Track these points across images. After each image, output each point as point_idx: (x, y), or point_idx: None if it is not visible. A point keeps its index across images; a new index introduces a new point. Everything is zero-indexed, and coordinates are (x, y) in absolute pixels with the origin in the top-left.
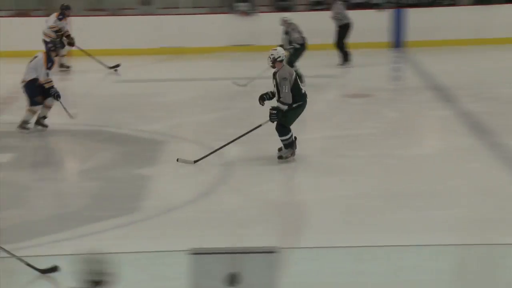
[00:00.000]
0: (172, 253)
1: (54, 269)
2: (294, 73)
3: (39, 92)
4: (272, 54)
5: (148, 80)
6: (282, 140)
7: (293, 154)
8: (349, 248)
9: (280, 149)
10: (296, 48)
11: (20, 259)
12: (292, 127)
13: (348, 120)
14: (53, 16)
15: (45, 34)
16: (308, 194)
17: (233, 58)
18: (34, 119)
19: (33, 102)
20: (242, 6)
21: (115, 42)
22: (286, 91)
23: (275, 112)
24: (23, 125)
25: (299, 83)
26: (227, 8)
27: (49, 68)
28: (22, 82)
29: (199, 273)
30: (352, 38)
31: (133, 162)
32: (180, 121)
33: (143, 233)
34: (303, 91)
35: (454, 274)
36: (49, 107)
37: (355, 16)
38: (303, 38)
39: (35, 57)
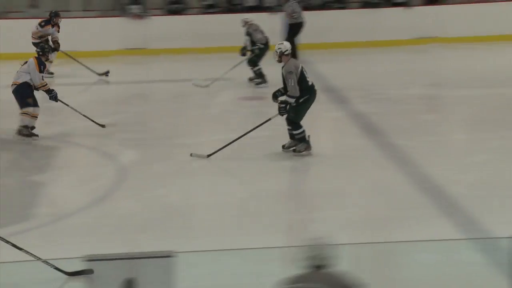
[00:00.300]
0: (66, 260)
1: (84, 271)
2: (300, 66)
3: (30, 95)
4: (279, 48)
5: None
6: (295, 135)
7: (308, 148)
8: (246, 250)
9: (288, 146)
10: (260, 48)
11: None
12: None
13: (244, 122)
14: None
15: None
16: (204, 197)
17: (126, 62)
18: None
19: (25, 104)
20: (135, 9)
21: (2, 46)
22: (293, 84)
23: (284, 105)
24: (24, 131)
25: (306, 76)
26: (119, 11)
27: (41, 71)
28: (13, 84)
29: (95, 279)
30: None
31: (25, 169)
32: (74, 126)
33: (35, 241)
34: (310, 84)
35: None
36: (35, 117)
37: None
38: (265, 38)
39: (25, 62)
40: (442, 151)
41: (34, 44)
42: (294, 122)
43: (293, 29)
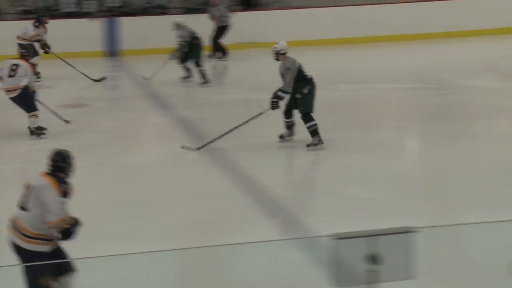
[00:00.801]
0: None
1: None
2: (298, 63)
3: (34, 97)
4: (275, 48)
5: None
6: (308, 127)
7: (321, 141)
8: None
9: (281, 136)
10: (194, 44)
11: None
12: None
13: (66, 130)
14: (30, 25)
15: (19, 38)
16: None
17: None
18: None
19: (34, 107)
20: None
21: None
22: (288, 80)
23: (276, 100)
24: (36, 131)
25: (303, 70)
26: None
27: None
28: (11, 90)
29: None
30: (65, 48)
31: None
32: None
33: None
34: (308, 76)
35: (177, 279)
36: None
37: (67, 26)
38: (193, 36)
39: (15, 65)
40: (266, 154)
41: (21, 45)
42: (307, 115)
43: (220, 32)
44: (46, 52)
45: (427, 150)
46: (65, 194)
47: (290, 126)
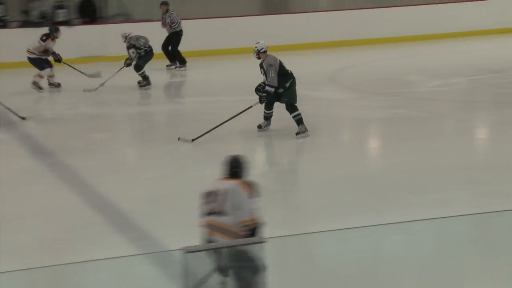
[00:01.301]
0: None
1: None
2: (278, 60)
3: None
4: (256, 47)
5: None
6: (293, 117)
7: (306, 129)
8: None
9: (259, 126)
10: (147, 51)
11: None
12: None
13: None
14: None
15: (29, 51)
16: None
17: None
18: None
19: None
20: None
21: None
22: (273, 75)
23: (265, 95)
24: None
25: (284, 66)
26: None
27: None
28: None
29: None
30: None
31: None
32: None
33: None
34: (289, 71)
35: None
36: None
37: None
38: (148, 43)
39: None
40: (115, 169)
41: (31, 59)
42: (291, 105)
43: (174, 38)
44: (58, 61)
45: (276, 161)
46: (252, 194)
47: (268, 117)
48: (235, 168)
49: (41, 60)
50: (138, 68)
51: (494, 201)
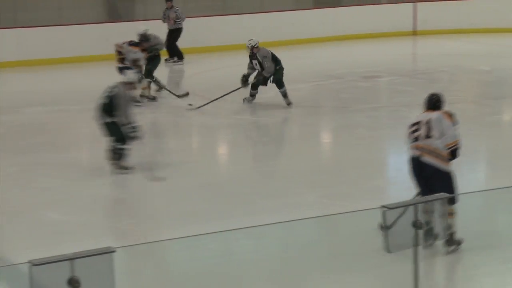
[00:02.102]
0: None
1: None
2: (269, 50)
3: None
4: (250, 44)
5: None
6: (281, 91)
7: (290, 102)
8: None
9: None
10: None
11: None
12: None
13: None
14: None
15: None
16: None
17: None
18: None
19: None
20: None
21: None
22: (269, 65)
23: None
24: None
25: (274, 54)
26: None
27: None
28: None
29: None
30: None
31: None
32: None
33: None
34: (278, 58)
35: None
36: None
37: None
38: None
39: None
40: None
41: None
42: (279, 81)
43: (175, 34)
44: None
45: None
46: (453, 122)
47: (254, 95)
48: (436, 102)
49: None
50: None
51: (338, 203)
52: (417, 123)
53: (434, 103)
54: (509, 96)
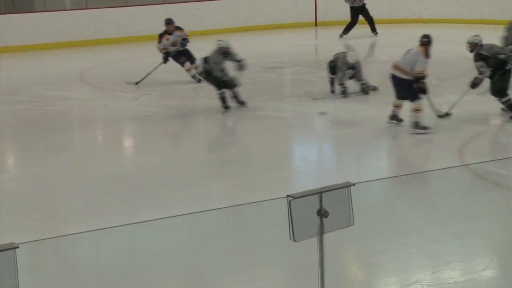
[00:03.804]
0: None
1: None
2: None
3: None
4: (221, 45)
5: None
6: (230, 93)
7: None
8: None
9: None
10: None
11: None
12: None
13: None
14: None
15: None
16: None
17: None
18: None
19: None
20: None
21: None
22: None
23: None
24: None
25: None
26: None
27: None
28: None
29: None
30: None
31: None
32: None
33: None
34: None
35: None
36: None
37: None
38: None
39: None
40: None
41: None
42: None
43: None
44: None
45: (26, 163)
46: (426, 56)
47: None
48: (422, 39)
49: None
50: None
51: (244, 194)
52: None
53: (421, 39)
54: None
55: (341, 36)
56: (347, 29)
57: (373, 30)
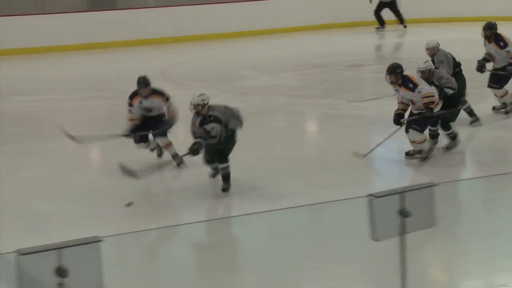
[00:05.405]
0: None
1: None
2: None
3: None
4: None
5: None
6: None
7: None
8: None
9: None
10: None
11: None
12: None
13: None
14: None
15: None
16: None
17: None
18: None
19: None
20: None
21: None
22: None
23: None
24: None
25: None
26: None
27: None
28: None
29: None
30: None
31: None
32: None
33: None
34: None
35: None
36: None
37: None
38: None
39: None
40: None
41: None
42: None
43: None
44: None
45: (105, 159)
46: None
47: None
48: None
49: None
50: None
51: (324, 192)
52: None
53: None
54: None
55: (405, 26)
56: (401, 19)
57: (402, 22)
